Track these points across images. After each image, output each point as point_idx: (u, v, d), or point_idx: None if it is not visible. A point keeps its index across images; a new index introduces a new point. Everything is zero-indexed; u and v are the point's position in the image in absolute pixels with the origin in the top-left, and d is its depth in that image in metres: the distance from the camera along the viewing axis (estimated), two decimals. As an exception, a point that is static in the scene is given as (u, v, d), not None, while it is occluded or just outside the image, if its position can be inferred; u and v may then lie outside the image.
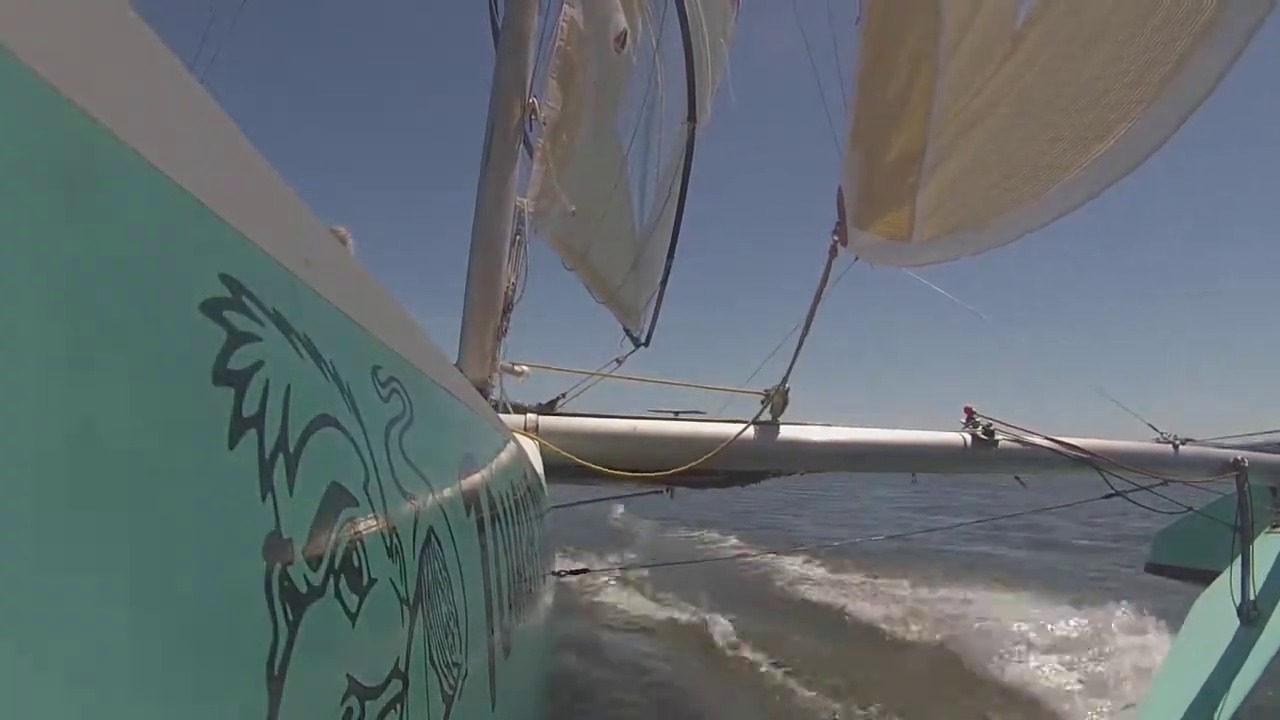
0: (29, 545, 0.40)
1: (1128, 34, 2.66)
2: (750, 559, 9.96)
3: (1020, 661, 5.93)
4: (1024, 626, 6.71)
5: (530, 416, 3.98)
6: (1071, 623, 6.84)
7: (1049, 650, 6.20)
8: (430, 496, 1.10)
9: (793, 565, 10.33)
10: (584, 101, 6.04)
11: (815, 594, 8.94)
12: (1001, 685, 5.54)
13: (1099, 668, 5.80)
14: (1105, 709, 5.08)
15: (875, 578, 9.63)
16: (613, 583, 8.75)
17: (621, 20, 6.23)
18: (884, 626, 7.36)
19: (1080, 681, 5.55)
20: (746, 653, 6.32)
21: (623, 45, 6.30)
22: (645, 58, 6.68)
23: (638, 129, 6.77)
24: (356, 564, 0.75)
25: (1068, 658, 6.05)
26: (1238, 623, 3.96)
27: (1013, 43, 3.11)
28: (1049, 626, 6.73)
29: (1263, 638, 3.81)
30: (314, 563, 0.67)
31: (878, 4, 3.72)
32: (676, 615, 7.59)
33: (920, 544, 10.45)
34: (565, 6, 5.66)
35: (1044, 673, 5.70)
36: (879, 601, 8.34)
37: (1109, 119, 2.74)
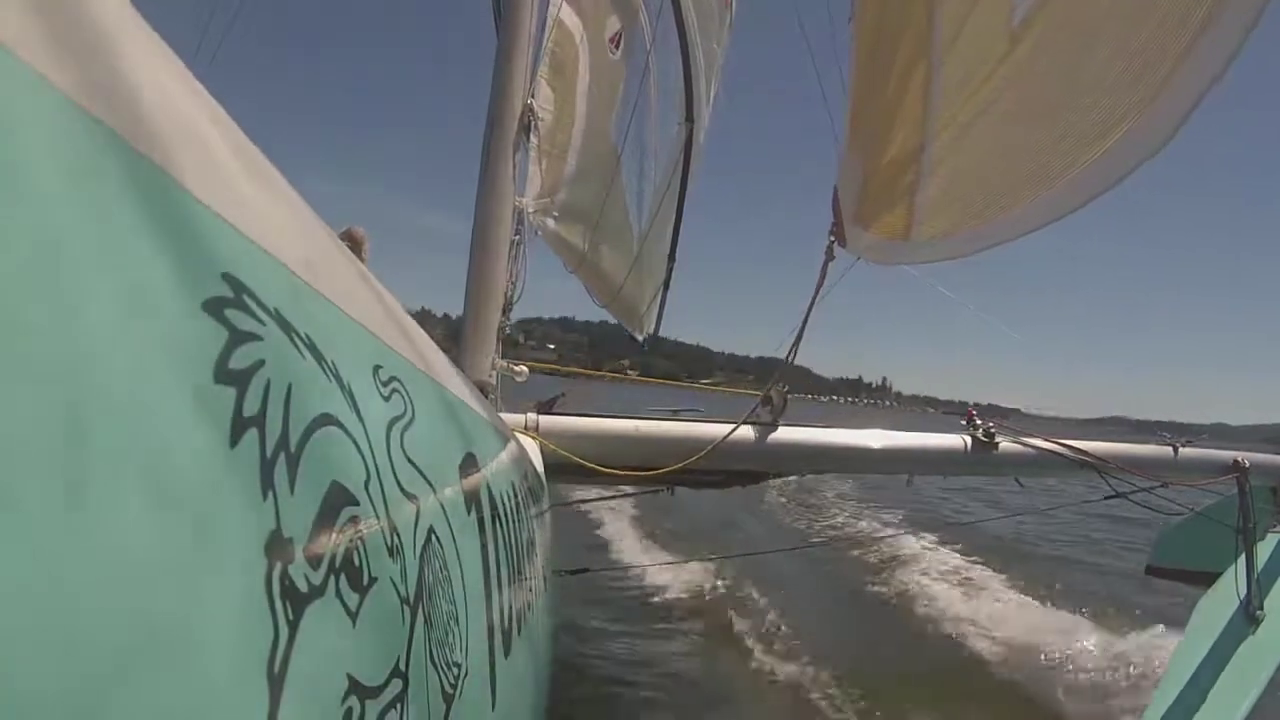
0: (29, 544, 0.40)
1: (1127, 31, 2.65)
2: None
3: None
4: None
5: (530, 416, 3.96)
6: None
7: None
8: (431, 496, 1.10)
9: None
10: (579, 102, 6.04)
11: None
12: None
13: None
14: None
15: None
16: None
17: (616, 21, 6.24)
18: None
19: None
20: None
21: (617, 47, 6.30)
22: (641, 59, 6.67)
23: (633, 129, 6.76)
24: (357, 563, 0.75)
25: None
26: (1241, 624, 3.94)
27: (1010, 42, 3.10)
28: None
29: (1267, 639, 3.79)
30: (314, 562, 0.67)
31: (871, 1, 3.69)
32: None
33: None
34: (551, 7, 5.65)
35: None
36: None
37: (1111, 117, 2.72)
